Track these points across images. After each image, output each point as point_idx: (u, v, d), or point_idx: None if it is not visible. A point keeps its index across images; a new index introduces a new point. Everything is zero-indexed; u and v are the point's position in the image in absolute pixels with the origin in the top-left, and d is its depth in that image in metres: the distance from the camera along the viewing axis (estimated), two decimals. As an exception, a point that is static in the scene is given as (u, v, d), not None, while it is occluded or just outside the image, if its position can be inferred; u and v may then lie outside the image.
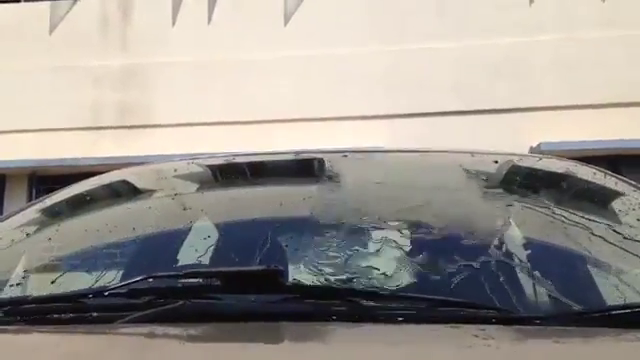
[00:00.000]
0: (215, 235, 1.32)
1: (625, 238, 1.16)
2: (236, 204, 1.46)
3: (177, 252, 1.30)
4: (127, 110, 7.12)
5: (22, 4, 7.54)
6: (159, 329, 0.95)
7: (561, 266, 1.17)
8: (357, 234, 1.20)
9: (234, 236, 1.32)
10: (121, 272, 1.25)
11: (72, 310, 1.01)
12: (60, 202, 1.53)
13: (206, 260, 1.22)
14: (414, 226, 1.26)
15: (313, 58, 6.91)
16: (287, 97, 6.86)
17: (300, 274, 1.12)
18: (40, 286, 1.17)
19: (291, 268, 1.12)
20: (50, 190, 1.93)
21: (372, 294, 1.01)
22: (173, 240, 1.34)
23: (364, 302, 0.97)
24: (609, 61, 6.57)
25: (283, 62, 6.94)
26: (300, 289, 1.03)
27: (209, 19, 7.25)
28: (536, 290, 1.03)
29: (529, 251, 1.16)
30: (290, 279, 1.07)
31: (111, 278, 1.21)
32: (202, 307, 0.97)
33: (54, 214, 1.51)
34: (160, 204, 1.48)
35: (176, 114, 6.94)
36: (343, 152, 1.60)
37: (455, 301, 0.99)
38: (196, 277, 1.05)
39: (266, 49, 6.99)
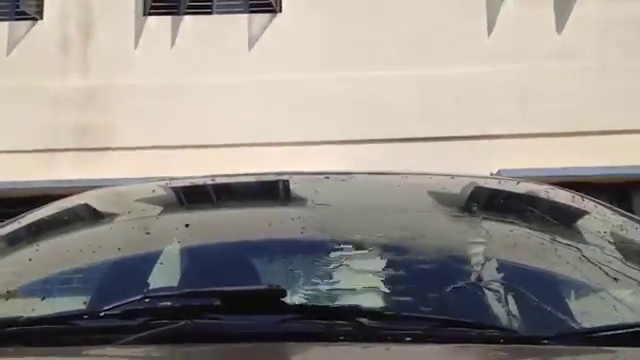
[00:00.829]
0: (203, 257, 1.28)
1: (618, 259, 1.19)
2: (223, 225, 1.43)
3: (164, 275, 1.27)
4: (86, 132, 6.99)
5: (-21, 24, 7.39)
6: (162, 350, 0.91)
7: (564, 286, 1.18)
8: (353, 254, 1.19)
9: (224, 258, 1.29)
10: (108, 296, 1.20)
11: (65, 332, 0.96)
12: (35, 223, 1.47)
13: (196, 282, 1.19)
14: (413, 246, 1.25)
15: (277, 83, 6.93)
16: (251, 121, 6.84)
17: (300, 294, 1.10)
18: (20, 310, 1.11)
19: (290, 288, 1.10)
20: (5, 214, 1.85)
21: (378, 314, 1.00)
22: (158, 262, 1.30)
23: (370, 322, 0.96)
24: (566, 91, 6.76)
25: (247, 86, 6.94)
26: (305, 309, 1.01)
27: (172, 42, 7.21)
28: (540, 310, 1.04)
29: (530, 271, 1.17)
30: (293, 299, 1.05)
31: (98, 302, 1.16)
32: (205, 327, 0.93)
33: (27, 236, 1.45)
34: (140, 225, 1.44)
35: (138, 137, 6.85)
36: (324, 174, 1.60)
37: (463, 321, 0.98)
38: (195, 297, 1.01)
39: (230, 73, 6.98)
